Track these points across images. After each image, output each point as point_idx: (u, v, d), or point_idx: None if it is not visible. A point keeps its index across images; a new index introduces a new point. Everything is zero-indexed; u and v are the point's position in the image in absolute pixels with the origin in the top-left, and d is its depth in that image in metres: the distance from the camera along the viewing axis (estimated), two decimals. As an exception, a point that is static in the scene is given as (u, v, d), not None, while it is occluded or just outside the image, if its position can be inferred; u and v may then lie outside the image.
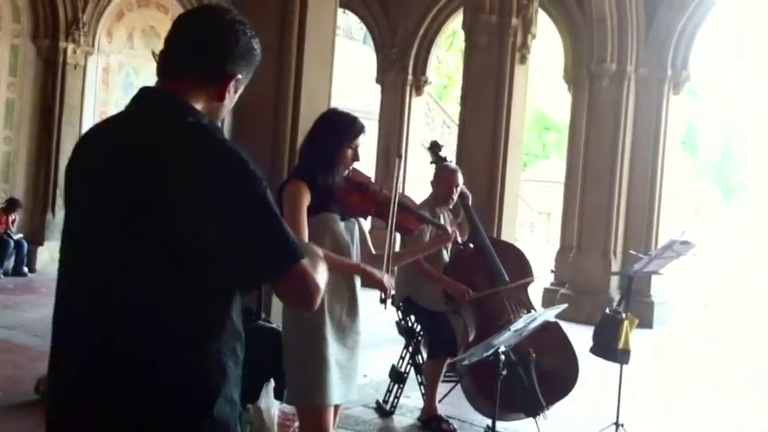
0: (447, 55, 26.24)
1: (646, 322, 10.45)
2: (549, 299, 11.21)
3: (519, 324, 3.57)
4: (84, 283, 1.77)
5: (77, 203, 1.84)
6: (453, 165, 5.60)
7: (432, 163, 5.63)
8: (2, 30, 11.83)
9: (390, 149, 13.06)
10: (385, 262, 3.41)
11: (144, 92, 1.85)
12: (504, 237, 8.48)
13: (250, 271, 1.73)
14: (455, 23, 12.70)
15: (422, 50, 13.33)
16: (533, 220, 24.21)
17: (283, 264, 1.70)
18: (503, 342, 3.61)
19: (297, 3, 5.74)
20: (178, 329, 1.70)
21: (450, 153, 6.07)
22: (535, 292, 11.32)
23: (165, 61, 1.85)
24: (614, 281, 10.86)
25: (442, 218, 5.47)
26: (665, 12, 10.67)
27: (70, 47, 12.33)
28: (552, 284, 11.56)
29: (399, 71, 13.30)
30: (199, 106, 1.81)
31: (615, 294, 10.86)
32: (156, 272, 1.69)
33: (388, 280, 3.36)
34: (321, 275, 1.76)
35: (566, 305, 5.02)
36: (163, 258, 1.69)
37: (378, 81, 13.71)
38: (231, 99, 1.89)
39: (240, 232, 1.68)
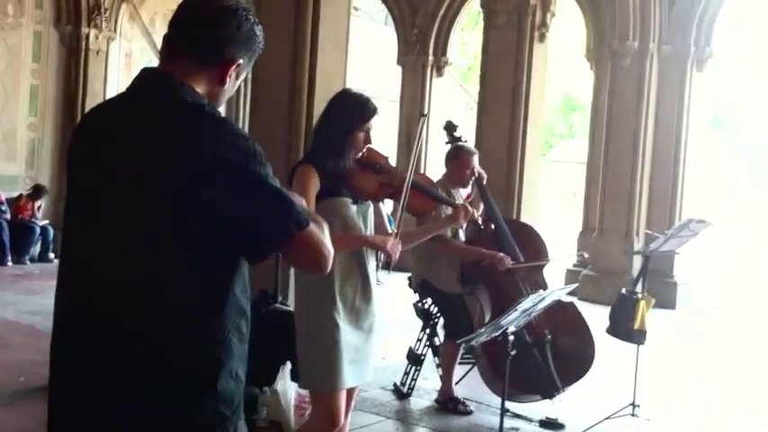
0: (472, 35, 26.06)
1: (668, 303, 10.43)
2: (572, 280, 11.15)
3: (527, 304, 3.55)
4: (85, 261, 1.80)
5: (81, 183, 1.87)
6: (470, 146, 5.57)
7: (447, 143, 5.60)
8: (25, 16, 11.95)
9: (411, 131, 13.01)
10: (394, 233, 3.40)
11: (145, 73, 1.89)
12: (524, 218, 8.44)
13: (259, 240, 1.76)
14: (476, 3, 12.62)
15: (442, 31, 13.24)
16: (561, 200, 24.11)
17: (290, 230, 1.74)
18: (511, 322, 3.59)
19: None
20: (180, 304, 1.73)
21: (468, 133, 6.04)
22: (558, 273, 11.36)
23: (168, 43, 1.88)
24: (637, 261, 10.77)
25: (456, 199, 5.46)
26: (688, -12, 10.51)
27: (92, 33, 12.44)
28: (575, 265, 11.51)
29: (420, 53, 13.24)
30: (200, 89, 1.84)
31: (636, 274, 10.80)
32: (158, 248, 1.72)
33: (393, 245, 3.35)
34: (329, 240, 1.83)
35: (575, 285, 4.98)
36: (166, 235, 1.71)
37: (399, 63, 13.66)
38: (232, 84, 1.91)
39: (246, 204, 1.71)
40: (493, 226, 5.19)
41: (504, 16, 8.45)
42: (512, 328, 3.63)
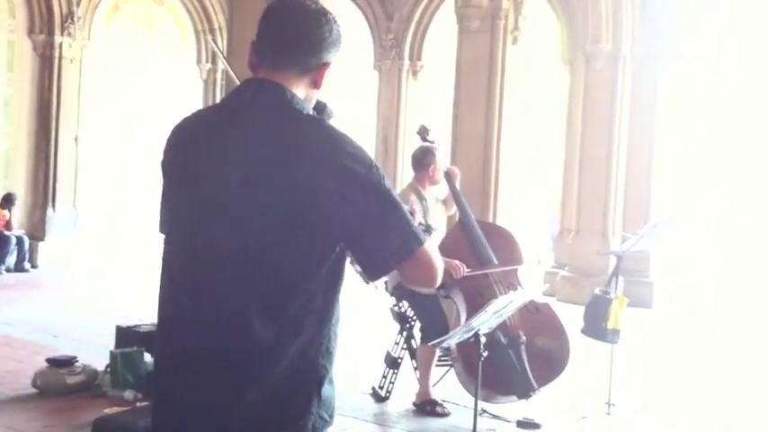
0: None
1: (645, 302, 10.51)
2: (550, 281, 11.22)
3: (497, 305, 3.58)
4: (202, 275, 1.83)
5: (188, 198, 1.90)
6: (433, 145, 5.63)
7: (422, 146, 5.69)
8: (-3, 26, 11.88)
9: (388, 136, 13.09)
10: None
11: (254, 85, 1.91)
12: (501, 222, 8.49)
13: (384, 255, 1.79)
14: (450, 8, 12.68)
15: (417, 36, 13.30)
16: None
17: (412, 248, 1.78)
18: (482, 323, 3.62)
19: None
20: (298, 316, 1.78)
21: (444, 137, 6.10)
22: (537, 275, 11.42)
23: (264, 53, 1.91)
24: (614, 261, 10.84)
25: (428, 200, 5.51)
26: (660, -11, 10.62)
27: (66, 41, 12.37)
28: (553, 267, 11.58)
29: (396, 57, 13.30)
30: (300, 95, 1.89)
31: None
32: (282, 262, 1.76)
33: None
34: (438, 254, 1.90)
35: (547, 285, 5.02)
36: (291, 249, 1.76)
37: (375, 68, 13.70)
38: (323, 86, 1.98)
39: (370, 221, 1.76)
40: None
41: (476, 21, 8.51)
42: (484, 330, 3.66)
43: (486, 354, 3.75)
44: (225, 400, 1.79)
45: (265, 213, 1.77)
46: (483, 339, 3.70)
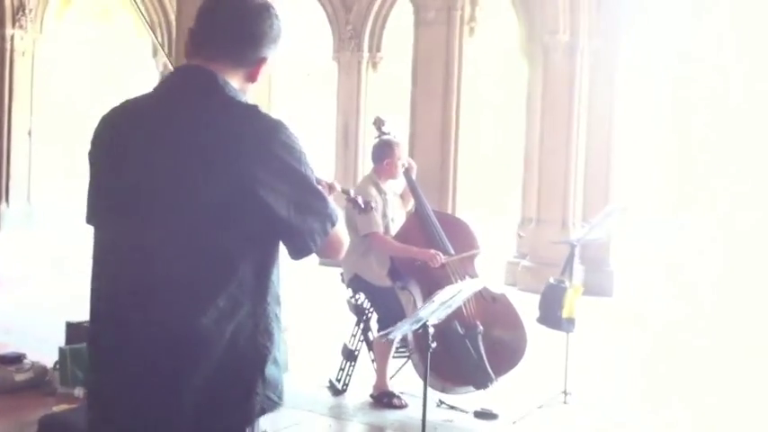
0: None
1: (605, 291, 10.59)
2: (512, 271, 11.29)
3: (444, 295, 3.55)
4: (133, 260, 1.81)
5: (117, 184, 1.87)
6: (394, 138, 5.58)
7: (376, 138, 5.65)
8: (-55, 18, 11.61)
9: (348, 128, 13.03)
10: None
11: (186, 71, 1.90)
12: (458, 211, 8.48)
13: (305, 238, 1.83)
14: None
15: (377, 27, 13.26)
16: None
17: (326, 229, 1.86)
18: (430, 314, 3.58)
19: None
20: (232, 297, 1.78)
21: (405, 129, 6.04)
22: (498, 265, 11.46)
23: (202, 41, 1.89)
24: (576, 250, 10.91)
25: (387, 193, 5.47)
26: (617, -20, 10.67)
27: (18, 33, 12.13)
28: (514, 257, 11.62)
29: (354, 49, 13.23)
30: (234, 86, 1.88)
31: (576, 264, 10.93)
32: (212, 245, 1.76)
33: None
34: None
35: (489, 277, 5.02)
36: (219, 233, 1.76)
37: (333, 59, 13.63)
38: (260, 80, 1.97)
39: (296, 208, 1.79)
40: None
41: (432, 11, 8.47)
42: (432, 321, 3.62)
43: (434, 345, 3.71)
44: (164, 388, 1.76)
45: (196, 200, 1.75)
46: (431, 330, 3.66)
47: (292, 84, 16.41)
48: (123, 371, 1.82)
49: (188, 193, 1.76)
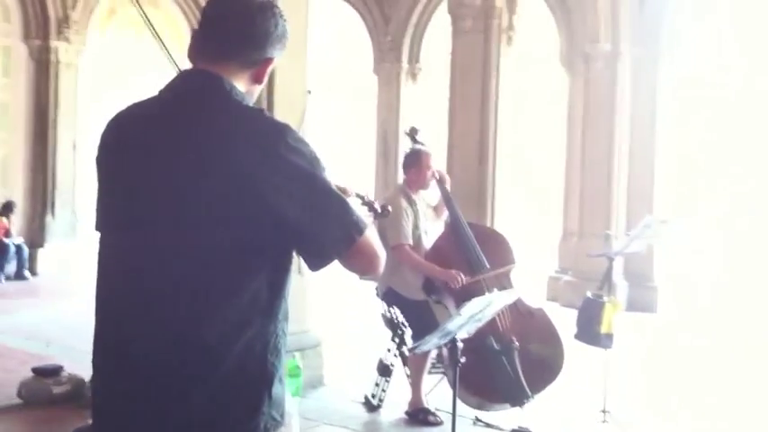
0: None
1: (649, 307, 10.39)
2: (553, 286, 11.12)
3: (474, 308, 3.45)
4: (140, 268, 1.75)
5: (123, 190, 1.82)
6: (425, 148, 5.51)
7: (409, 147, 5.61)
8: (-8, 31, 11.84)
9: (388, 139, 13.01)
10: None
11: (191, 75, 1.84)
12: (497, 224, 8.37)
13: (325, 246, 1.75)
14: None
15: (416, 38, 13.24)
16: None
17: (353, 237, 1.75)
18: (459, 327, 3.49)
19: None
20: (242, 312, 1.71)
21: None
22: (540, 280, 11.29)
23: (206, 44, 1.84)
24: (617, 266, 10.70)
25: (418, 203, 5.40)
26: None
27: (62, 46, 12.31)
28: (556, 271, 11.45)
29: (394, 61, 13.22)
30: (240, 88, 1.82)
31: (620, 279, 10.75)
32: (222, 256, 1.70)
33: None
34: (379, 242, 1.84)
35: (518, 290, 4.88)
36: (230, 244, 1.69)
37: (374, 71, 13.64)
38: (265, 81, 1.92)
39: (311, 213, 1.72)
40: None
41: (469, 20, 8.39)
42: (462, 335, 3.53)
43: (463, 360, 3.62)
44: (168, 404, 1.71)
45: (204, 208, 1.69)
46: (460, 345, 3.57)
47: (332, 97, 16.47)
48: (125, 386, 1.77)
49: (192, 198, 1.70)
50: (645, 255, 10.23)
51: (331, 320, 7.60)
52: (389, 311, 5.66)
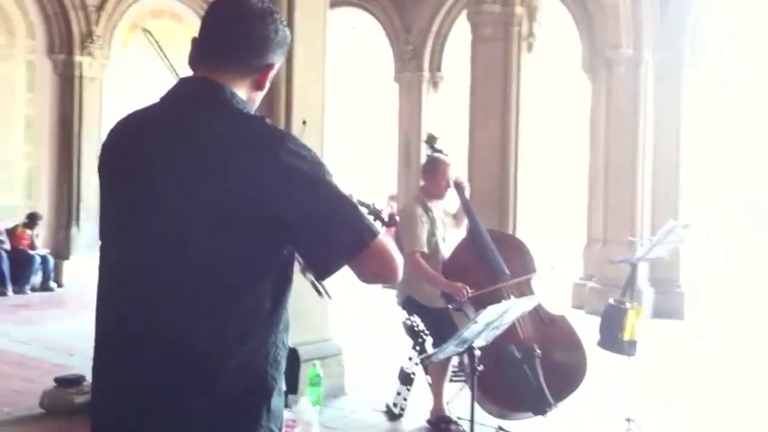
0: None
1: (676, 313, 10.26)
2: (578, 293, 11.01)
3: (490, 315, 3.40)
4: (141, 280, 1.72)
5: (125, 198, 1.79)
6: (443, 156, 5.48)
7: (428, 156, 5.58)
8: (17, 47, 11.97)
9: (410, 148, 12.98)
10: None
11: (191, 83, 1.82)
12: (520, 232, 8.31)
13: (335, 251, 1.69)
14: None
15: (437, 47, 13.19)
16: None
17: (365, 240, 1.68)
18: (475, 335, 3.44)
19: (284, 5, 5.65)
20: (243, 323, 1.68)
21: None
22: (565, 287, 11.18)
23: (206, 51, 1.82)
24: (643, 272, 10.60)
25: (435, 211, 5.36)
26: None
27: (86, 60, 12.43)
28: (581, 278, 11.34)
29: (415, 69, 13.19)
30: (241, 96, 1.80)
31: (645, 285, 10.63)
32: (224, 266, 1.66)
33: None
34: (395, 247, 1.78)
35: (540, 296, 4.81)
36: (233, 252, 1.66)
37: (395, 80, 13.61)
38: (267, 87, 1.90)
39: (319, 218, 1.67)
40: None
41: (489, 28, 8.35)
42: (479, 343, 3.48)
43: (481, 368, 3.57)
44: (168, 417, 1.68)
45: (206, 217, 1.66)
46: (477, 353, 3.52)
47: (353, 105, 16.48)
48: (122, 395, 1.74)
49: (198, 212, 1.67)
50: (671, 260, 10.15)
51: (352, 329, 7.57)
52: (410, 320, 5.62)
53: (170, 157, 1.72)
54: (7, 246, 11.51)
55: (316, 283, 1.78)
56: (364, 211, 2.24)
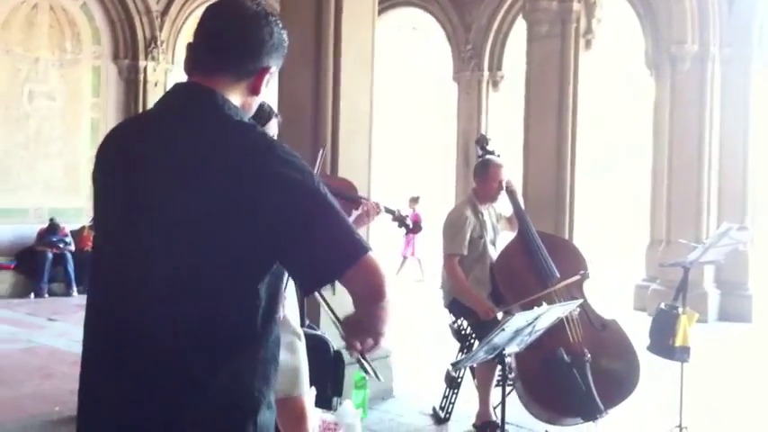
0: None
1: (743, 317, 9.94)
2: (641, 295, 10.76)
3: (518, 322, 3.29)
4: (129, 289, 1.70)
5: (116, 207, 1.77)
6: (497, 158, 5.37)
7: (479, 157, 5.48)
8: (83, 52, 12.28)
9: (469, 148, 12.86)
10: None
11: (183, 89, 1.80)
12: (577, 233, 8.14)
13: (324, 265, 1.63)
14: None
15: (497, 46, 13.04)
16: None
17: (356, 254, 1.62)
18: (506, 342, 3.34)
19: (332, 5, 5.63)
20: (230, 337, 1.66)
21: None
22: (627, 288, 10.92)
23: (200, 56, 1.80)
24: (708, 274, 10.30)
25: (485, 214, 5.28)
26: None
27: (150, 65, 12.69)
28: (643, 280, 11.08)
29: (475, 68, 13.06)
30: (236, 101, 1.78)
31: (711, 288, 10.32)
32: (212, 279, 1.64)
33: None
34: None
35: (580, 301, 4.65)
36: (222, 265, 1.63)
37: (454, 79, 13.51)
38: (263, 92, 1.87)
39: (309, 229, 1.62)
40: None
41: (545, 25, 8.18)
42: (512, 349, 3.39)
43: (512, 375, 3.48)
44: (151, 427, 1.66)
45: (191, 227, 1.62)
46: (509, 360, 3.43)
47: (414, 105, 16.43)
48: (108, 410, 1.72)
49: (175, 217, 1.65)
50: (739, 262, 9.82)
51: (401, 331, 7.50)
52: (456, 323, 5.55)
53: (156, 166, 1.69)
54: (72, 247, 11.80)
55: (362, 360, 1.67)
56: (389, 216, 2.17)
